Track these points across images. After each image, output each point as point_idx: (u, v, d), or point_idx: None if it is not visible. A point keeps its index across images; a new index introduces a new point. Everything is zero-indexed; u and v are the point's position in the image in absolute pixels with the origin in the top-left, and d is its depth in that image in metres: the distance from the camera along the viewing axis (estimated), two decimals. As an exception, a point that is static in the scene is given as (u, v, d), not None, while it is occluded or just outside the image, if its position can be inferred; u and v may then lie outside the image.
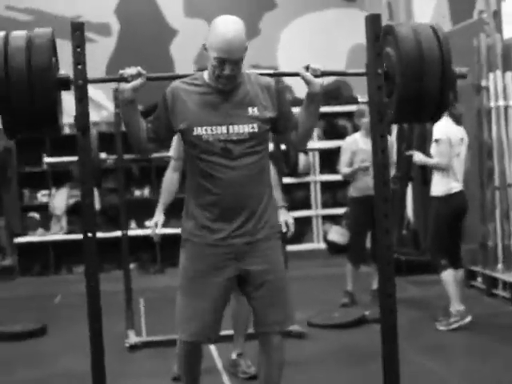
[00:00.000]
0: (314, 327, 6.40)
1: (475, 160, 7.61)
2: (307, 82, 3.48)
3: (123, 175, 6.82)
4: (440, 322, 6.23)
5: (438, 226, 6.39)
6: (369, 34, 3.27)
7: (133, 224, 10.25)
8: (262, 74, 3.67)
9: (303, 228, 11.21)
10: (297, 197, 11.03)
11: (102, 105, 10.63)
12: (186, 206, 3.65)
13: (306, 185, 11.37)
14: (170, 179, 4.95)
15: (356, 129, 7.42)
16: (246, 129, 3.47)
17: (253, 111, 3.49)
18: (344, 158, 7.25)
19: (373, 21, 3.26)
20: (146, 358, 5.75)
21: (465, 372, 5.06)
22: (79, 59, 3.24)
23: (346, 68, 11.80)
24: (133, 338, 6.10)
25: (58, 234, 10.77)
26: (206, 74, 3.54)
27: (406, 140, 9.38)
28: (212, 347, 5.82)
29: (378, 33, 3.25)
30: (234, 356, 5.19)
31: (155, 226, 4.86)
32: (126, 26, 11.55)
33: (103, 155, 10.24)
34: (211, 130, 3.45)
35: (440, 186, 6.31)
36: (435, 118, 3.60)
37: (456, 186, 6.25)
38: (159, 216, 4.90)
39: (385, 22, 3.31)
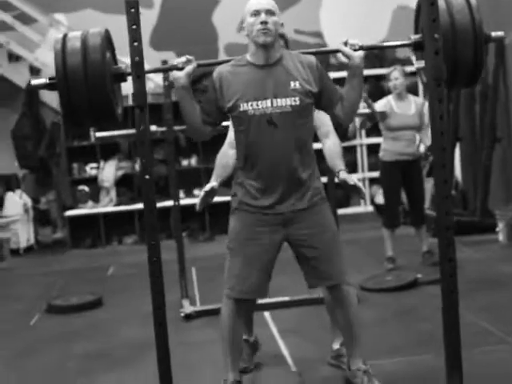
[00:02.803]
0: (368, 291, 6.41)
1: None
2: (347, 57, 3.65)
3: (171, 146, 6.83)
4: None
5: None
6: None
7: (181, 193, 10.31)
8: (303, 53, 3.84)
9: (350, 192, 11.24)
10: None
11: (149, 77, 10.64)
12: (236, 176, 3.94)
13: (353, 148, 11.34)
14: (226, 155, 4.37)
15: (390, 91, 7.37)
16: (288, 102, 3.71)
17: (294, 85, 3.72)
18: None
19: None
20: (201, 327, 5.80)
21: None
22: (135, 37, 3.31)
23: (389, 30, 11.75)
24: (188, 308, 6.16)
25: (107, 206, 10.90)
26: (248, 56, 3.80)
27: (454, 100, 9.32)
28: (266, 314, 5.88)
29: (433, -1, 3.23)
30: (336, 346, 4.65)
31: (204, 193, 4.22)
32: (168, -2, 11.57)
33: (152, 127, 10.35)
34: (256, 104, 3.70)
35: None
36: (471, 83, 3.69)
37: None
38: (211, 184, 4.28)
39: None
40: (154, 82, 10.55)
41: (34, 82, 3.58)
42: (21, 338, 6.06)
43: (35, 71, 11.04)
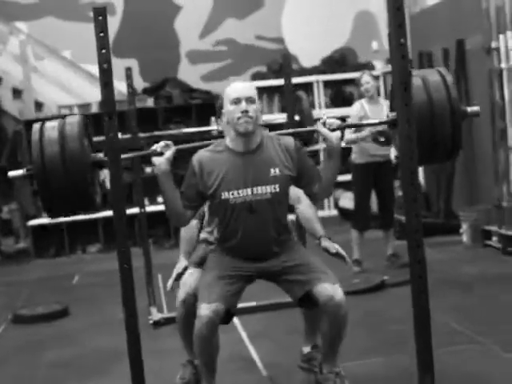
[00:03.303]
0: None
1: (487, 121, 7.65)
2: (324, 137, 3.73)
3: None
4: None
5: None
6: (390, 5, 3.29)
7: (145, 201, 10.25)
8: (281, 134, 3.98)
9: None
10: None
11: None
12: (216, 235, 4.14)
13: (316, 152, 11.35)
14: (190, 227, 4.44)
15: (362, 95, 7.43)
16: (268, 189, 3.81)
17: (274, 172, 3.81)
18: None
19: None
20: (170, 334, 5.74)
21: (490, 329, 5.11)
22: (103, 44, 3.31)
23: (351, 36, 11.80)
24: (156, 315, 6.14)
25: (70, 214, 10.77)
26: (227, 141, 3.86)
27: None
28: (235, 319, 5.87)
29: (399, 4, 3.25)
30: (306, 349, 4.56)
31: (175, 275, 4.38)
32: (130, 5, 11.49)
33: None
34: (237, 193, 3.79)
35: None
36: (448, 159, 3.82)
37: None
38: (181, 263, 4.44)
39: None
40: (117, 89, 10.47)
41: (12, 173, 3.57)
42: (-13, 348, 6.01)
43: (-4, 80, 10.96)
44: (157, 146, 3.70)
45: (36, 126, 3.54)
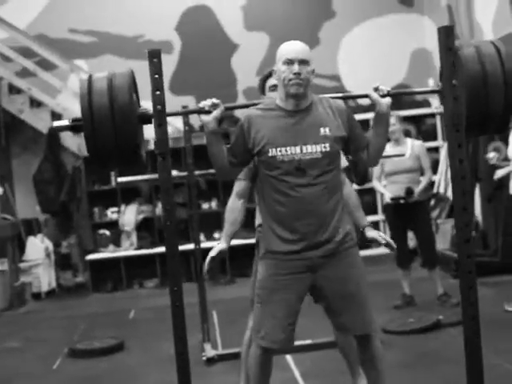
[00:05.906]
0: (390, 334, 6.39)
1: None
2: (375, 103, 3.63)
3: (193, 190, 6.90)
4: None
5: None
6: (442, 46, 3.30)
7: (201, 237, 10.33)
8: (332, 98, 3.84)
9: (370, 233, 11.16)
10: (363, 202, 10.95)
11: (168, 121, 10.72)
12: (263, 221, 3.87)
13: (372, 190, 11.32)
14: (235, 208, 4.27)
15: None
16: (318, 148, 3.65)
17: (324, 131, 3.67)
18: (376, 169, 7.49)
19: (446, 33, 3.28)
20: (224, 371, 5.79)
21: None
22: (157, 85, 3.34)
23: (407, 73, 11.81)
24: (210, 352, 6.16)
25: (128, 249, 10.93)
26: (277, 99, 3.75)
27: (473, 141, 9.33)
28: (289, 357, 5.86)
29: (451, 45, 3.27)
30: None
31: (209, 258, 4.03)
32: (187, 43, 11.71)
33: (173, 172, 10.39)
34: (285, 150, 3.65)
35: None
36: (501, 130, 3.66)
37: None
38: (222, 244, 4.14)
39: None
40: (173, 126, 10.62)
41: (56, 123, 3.53)
42: (44, 381, 6.07)
43: (57, 116, 11.18)
44: (204, 104, 3.59)
45: (84, 78, 3.46)
